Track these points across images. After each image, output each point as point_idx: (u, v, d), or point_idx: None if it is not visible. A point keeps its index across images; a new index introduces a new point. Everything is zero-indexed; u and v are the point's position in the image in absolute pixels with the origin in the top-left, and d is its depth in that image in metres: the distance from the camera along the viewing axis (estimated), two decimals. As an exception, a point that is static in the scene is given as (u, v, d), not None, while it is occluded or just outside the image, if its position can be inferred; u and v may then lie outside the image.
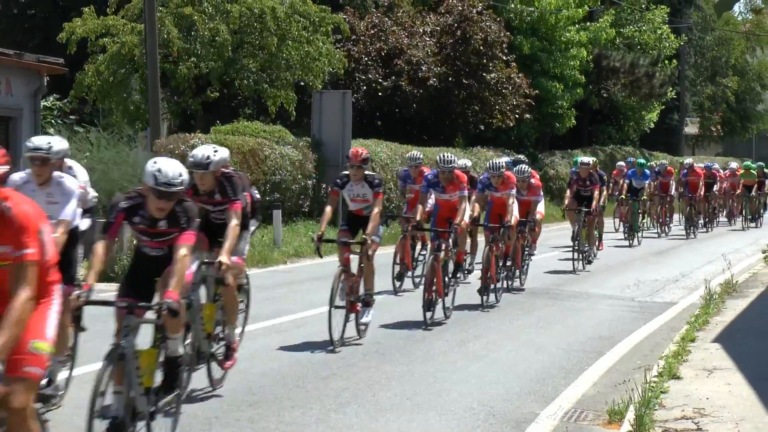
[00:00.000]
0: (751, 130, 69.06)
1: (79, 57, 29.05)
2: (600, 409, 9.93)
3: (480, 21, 38.04)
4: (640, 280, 20.33)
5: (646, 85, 48.70)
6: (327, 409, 9.65)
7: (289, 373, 11.10)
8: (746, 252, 26.77)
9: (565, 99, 43.28)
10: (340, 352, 12.26)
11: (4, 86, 24.39)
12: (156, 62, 24.97)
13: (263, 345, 12.54)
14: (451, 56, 37.87)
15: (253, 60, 30.05)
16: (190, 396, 9.90)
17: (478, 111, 38.70)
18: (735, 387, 10.38)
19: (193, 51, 28.82)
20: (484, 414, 9.70)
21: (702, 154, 66.51)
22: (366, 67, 35.49)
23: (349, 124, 28.52)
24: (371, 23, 36.57)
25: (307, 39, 30.46)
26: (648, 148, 53.01)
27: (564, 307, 16.67)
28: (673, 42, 51.42)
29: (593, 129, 51.04)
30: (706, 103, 65.14)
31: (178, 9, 29.16)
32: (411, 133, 37.45)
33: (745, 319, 14.99)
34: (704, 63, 64.84)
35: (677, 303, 17.48)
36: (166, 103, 29.39)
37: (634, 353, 12.93)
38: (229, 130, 27.68)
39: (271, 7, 29.71)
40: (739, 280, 19.10)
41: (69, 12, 31.93)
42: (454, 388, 10.64)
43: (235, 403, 9.77)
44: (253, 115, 32.67)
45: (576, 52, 43.20)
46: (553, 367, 11.93)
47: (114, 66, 28.96)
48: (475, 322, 14.83)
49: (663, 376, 10.68)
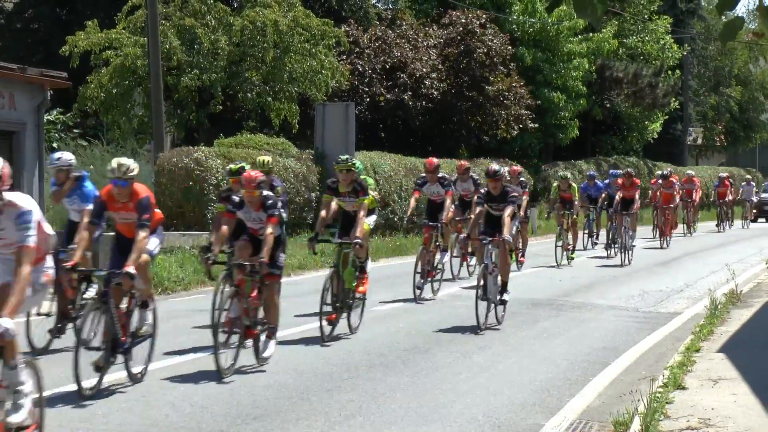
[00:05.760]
0: (755, 140, 69.03)
1: (83, 71, 29.12)
2: (605, 420, 9.90)
3: (483, 34, 38.09)
4: (645, 290, 20.30)
5: (650, 96, 48.73)
6: (332, 422, 9.63)
7: (293, 385, 11.09)
8: (750, 262, 26.74)
9: (568, 110, 43.33)
10: (344, 364, 12.25)
11: (7, 100, 24.39)
12: (159, 75, 25.01)
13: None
14: (454, 69, 37.92)
15: (256, 73, 30.11)
16: (195, 408, 9.91)
17: (481, 122, 38.74)
18: (740, 397, 10.35)
19: (195, 63, 28.89)
20: (489, 425, 9.68)
21: (705, 164, 66.51)
22: (370, 80, 35.54)
23: (352, 136, 28.57)
24: (374, 36, 36.63)
25: (310, 52, 30.54)
26: (651, 158, 53.02)
27: (568, 318, 16.64)
28: (676, 52, 51.48)
29: (596, 139, 51.06)
30: (710, 112, 65.14)
31: (180, 21, 29.23)
32: (414, 145, 37.52)
33: (749, 329, 14.97)
34: (707, 73, 64.87)
35: (682, 313, 17.44)
36: (169, 116, 29.45)
37: (639, 364, 12.90)
38: (233, 142, 27.73)
39: (273, 20, 29.79)
40: (743, 289, 19.09)
41: (72, 26, 32.00)
42: (459, 399, 10.62)
43: (240, 416, 9.75)
44: (256, 127, 32.75)
45: (578, 63, 43.24)
46: (557, 378, 11.90)
47: (117, 78, 29.03)
48: (480, 334, 14.81)
49: (668, 387, 10.66)
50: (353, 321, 14.36)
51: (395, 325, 15.41)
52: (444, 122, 38.25)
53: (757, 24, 55.81)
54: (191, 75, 28.72)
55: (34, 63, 29.95)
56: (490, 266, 15.06)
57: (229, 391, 10.69)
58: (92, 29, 29.34)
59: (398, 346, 13.67)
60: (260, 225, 12.08)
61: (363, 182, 14.41)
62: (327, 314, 13.63)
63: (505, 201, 15.32)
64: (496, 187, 15.33)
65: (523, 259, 23.35)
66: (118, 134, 30.18)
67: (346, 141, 28.26)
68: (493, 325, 15.23)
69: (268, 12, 30.12)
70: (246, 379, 11.18)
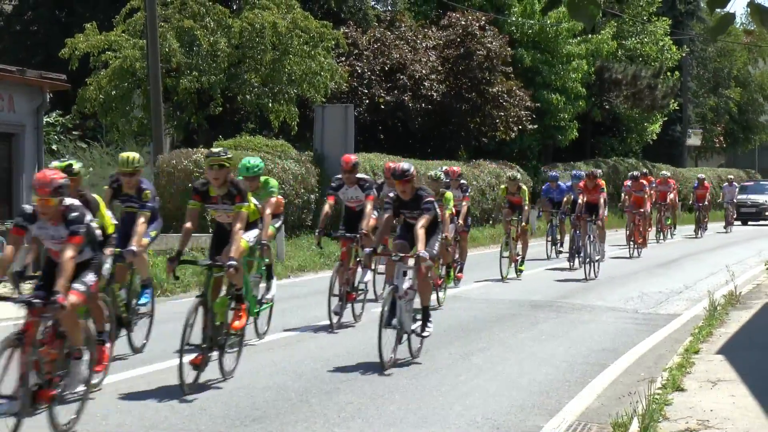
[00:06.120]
0: (754, 141, 69.06)
1: (82, 73, 29.14)
2: (604, 421, 9.91)
3: (482, 36, 38.11)
4: (644, 292, 20.31)
5: (649, 97, 48.73)
6: (331, 424, 9.63)
7: (292, 387, 11.09)
8: (750, 263, 26.76)
9: (567, 111, 43.32)
10: (343, 365, 12.25)
11: (6, 103, 24.42)
12: (158, 77, 25.02)
13: (267, 359, 12.53)
14: (453, 70, 37.93)
15: (255, 75, 30.13)
16: (194, 410, 9.91)
17: (480, 124, 38.75)
18: (739, 399, 10.36)
19: (194, 65, 28.91)
20: (488, 427, 9.69)
21: (705, 165, 66.52)
22: (369, 82, 35.55)
23: (351, 137, 28.56)
24: (373, 38, 36.65)
25: (309, 54, 30.55)
26: (651, 160, 53.04)
27: (567, 320, 16.64)
28: (675, 54, 51.48)
29: (596, 141, 51.06)
30: (709, 114, 65.15)
31: (179, 24, 29.25)
32: (414, 147, 37.53)
33: (748, 331, 14.98)
34: (706, 74, 64.88)
35: (681, 315, 17.45)
36: (168, 118, 29.47)
37: (638, 365, 12.91)
38: (232, 144, 27.74)
39: (272, 22, 29.81)
40: (742, 291, 19.10)
41: (71, 28, 32.02)
42: (458, 401, 10.62)
43: (238, 417, 9.76)
44: (255, 129, 32.77)
45: (577, 65, 43.26)
46: (557, 379, 11.91)
47: (116, 81, 29.05)
48: (479, 336, 14.82)
49: (667, 388, 10.67)
50: (227, 364, 11.38)
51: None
52: (443, 124, 38.26)
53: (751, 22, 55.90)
54: (190, 77, 28.74)
55: (34, 65, 29.97)
56: (402, 289, 12.24)
57: (228, 393, 10.69)
58: (91, 31, 29.36)
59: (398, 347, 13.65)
60: (60, 244, 9.13)
61: (239, 184, 11.50)
62: (191, 354, 10.80)
63: (419, 208, 12.57)
64: (405, 190, 12.60)
65: (461, 275, 20.29)
66: (117, 136, 30.19)
67: (345, 143, 28.26)
68: (408, 359, 12.55)
69: (267, 14, 30.14)
70: (245, 381, 11.18)
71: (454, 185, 19.32)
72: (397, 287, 12.21)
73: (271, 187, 13.84)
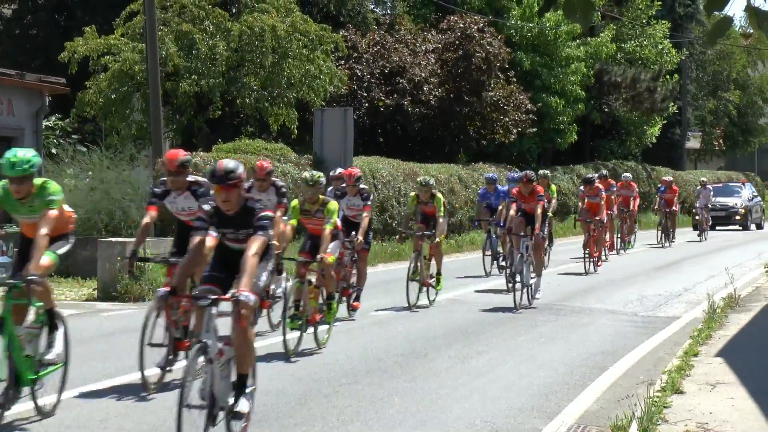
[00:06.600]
0: (754, 144, 69.13)
1: (81, 77, 29.13)
2: (603, 424, 9.90)
3: (481, 39, 38.13)
4: (643, 294, 20.31)
5: (648, 100, 48.75)
6: (330, 427, 9.63)
7: (291, 391, 11.09)
8: (749, 266, 26.76)
9: (567, 114, 43.34)
10: (342, 369, 12.25)
11: (5, 106, 24.44)
12: (157, 80, 25.02)
13: (265, 363, 12.52)
14: (452, 74, 37.95)
15: (254, 78, 30.14)
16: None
17: (480, 127, 38.76)
18: (738, 401, 10.36)
19: (193, 68, 28.91)
20: (487, 430, 9.68)
21: (704, 168, 66.57)
22: (369, 85, 35.57)
23: (350, 141, 28.56)
24: (373, 41, 36.67)
25: (308, 57, 30.56)
26: (650, 163, 53.09)
27: (566, 323, 16.65)
28: (675, 56, 51.53)
29: (595, 144, 51.09)
30: (708, 117, 65.21)
31: (178, 27, 29.26)
32: (413, 150, 37.54)
33: (747, 333, 14.98)
34: (705, 77, 64.96)
35: (680, 317, 17.45)
36: (168, 121, 29.46)
37: (637, 368, 12.90)
38: (231, 148, 27.74)
39: (272, 26, 29.82)
40: (741, 294, 19.10)
41: (70, 32, 32.01)
42: (456, 404, 10.62)
43: (237, 421, 9.74)
44: (255, 133, 32.75)
45: (576, 68, 43.28)
46: (555, 382, 11.90)
47: (116, 84, 29.04)
48: (477, 339, 14.81)
49: (666, 391, 10.67)
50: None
51: (393, 330, 15.41)
52: (442, 127, 38.27)
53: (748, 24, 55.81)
54: (189, 80, 28.74)
55: (33, 69, 29.99)
56: (213, 347, 8.28)
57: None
58: (91, 35, 29.35)
59: (396, 351, 13.68)
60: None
61: (50, 187, 9.58)
62: None
63: (250, 226, 8.65)
64: (229, 199, 8.61)
65: (357, 304, 16.23)
66: (116, 140, 30.15)
67: (344, 146, 28.26)
68: None
69: (266, 17, 30.14)
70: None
71: (352, 191, 16.08)
72: (206, 345, 8.27)
73: (50, 194, 9.63)
